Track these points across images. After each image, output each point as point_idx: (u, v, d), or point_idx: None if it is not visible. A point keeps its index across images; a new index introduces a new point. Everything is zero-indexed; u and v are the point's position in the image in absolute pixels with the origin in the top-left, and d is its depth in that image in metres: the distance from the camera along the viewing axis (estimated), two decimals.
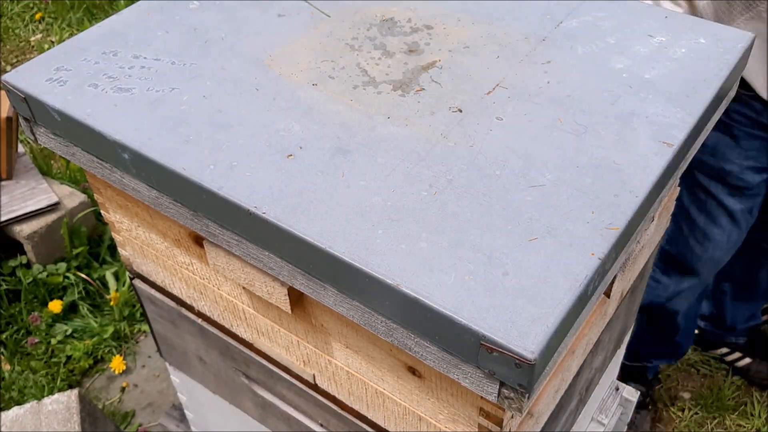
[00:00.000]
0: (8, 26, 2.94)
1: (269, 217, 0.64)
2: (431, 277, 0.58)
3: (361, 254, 0.60)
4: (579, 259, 0.59)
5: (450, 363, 0.59)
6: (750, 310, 1.73)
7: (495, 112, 0.73)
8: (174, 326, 1.03)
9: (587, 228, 0.61)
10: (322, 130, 0.72)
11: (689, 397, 1.79)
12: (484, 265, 0.58)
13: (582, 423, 1.07)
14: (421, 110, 0.74)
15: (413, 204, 0.64)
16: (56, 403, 1.34)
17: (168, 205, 0.74)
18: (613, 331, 0.94)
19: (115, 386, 1.72)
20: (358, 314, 0.64)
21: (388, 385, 0.74)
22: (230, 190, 0.66)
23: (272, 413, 0.99)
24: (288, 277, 0.68)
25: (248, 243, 0.69)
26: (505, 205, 0.64)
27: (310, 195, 0.65)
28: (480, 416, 0.65)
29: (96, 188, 0.91)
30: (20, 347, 1.77)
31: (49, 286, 1.86)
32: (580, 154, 0.68)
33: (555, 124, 0.72)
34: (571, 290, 0.56)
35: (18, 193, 1.86)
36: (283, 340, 0.84)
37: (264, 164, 0.69)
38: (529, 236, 0.61)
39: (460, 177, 0.66)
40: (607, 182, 0.65)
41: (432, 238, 0.61)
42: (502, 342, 0.53)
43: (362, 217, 0.63)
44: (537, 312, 0.55)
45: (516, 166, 0.67)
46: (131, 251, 0.98)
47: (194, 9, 0.88)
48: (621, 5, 0.87)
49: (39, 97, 0.77)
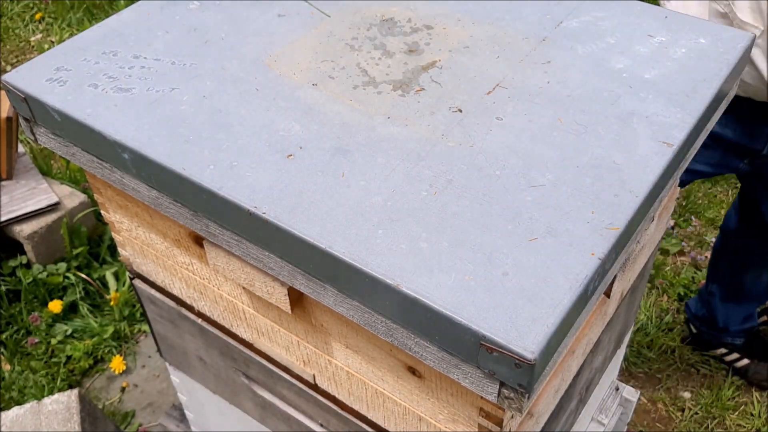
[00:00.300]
0: (8, 26, 2.95)
1: (269, 217, 0.64)
2: (431, 277, 0.58)
3: (361, 254, 0.60)
4: (579, 259, 0.59)
5: (450, 363, 0.59)
6: (743, 312, 1.73)
7: (495, 112, 0.73)
8: (174, 326, 1.03)
9: (587, 228, 0.61)
10: (322, 130, 0.72)
11: (689, 397, 1.79)
12: (484, 265, 0.58)
13: (582, 423, 1.07)
14: (421, 110, 0.74)
15: (413, 204, 0.64)
16: (56, 403, 1.34)
17: (168, 205, 0.74)
18: (613, 331, 0.94)
19: (115, 386, 1.72)
20: (357, 314, 0.64)
21: (388, 385, 0.74)
22: (230, 190, 0.66)
23: (272, 413, 0.99)
24: (288, 277, 0.68)
25: (248, 243, 0.69)
26: (505, 205, 0.64)
27: (310, 195, 0.65)
28: (480, 416, 0.65)
29: (96, 188, 0.91)
30: (20, 347, 1.77)
31: (49, 286, 1.85)
32: (580, 154, 0.68)
33: (555, 124, 0.72)
34: (571, 290, 0.56)
35: (18, 193, 1.87)
36: (283, 340, 0.84)
37: (264, 164, 0.69)
38: (529, 236, 0.61)
39: (460, 177, 0.66)
40: (607, 182, 0.65)
41: (432, 238, 0.61)
42: (502, 342, 0.53)
43: (362, 217, 0.63)
44: (537, 312, 0.55)
45: (516, 166, 0.67)
46: (131, 251, 0.98)
47: (194, 9, 0.88)
48: (621, 5, 0.87)
49: (39, 97, 0.77)
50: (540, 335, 0.53)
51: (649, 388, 1.81)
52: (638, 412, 1.76)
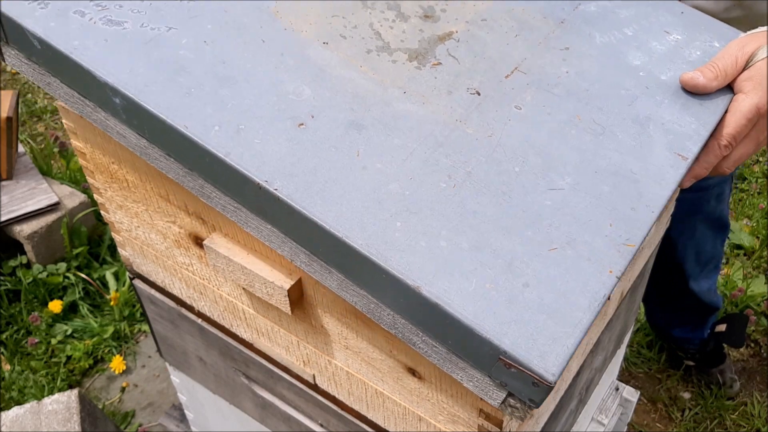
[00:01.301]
0: None
1: (282, 194, 0.60)
2: (452, 281, 0.56)
3: (380, 248, 0.58)
4: (597, 276, 0.58)
5: (456, 365, 0.58)
6: (686, 322, 1.72)
7: (514, 99, 0.71)
8: (174, 326, 1.00)
9: (605, 242, 0.61)
10: (334, 99, 0.68)
11: (689, 397, 1.79)
12: (505, 273, 0.58)
13: (582, 423, 1.09)
14: (437, 87, 0.71)
15: (432, 196, 0.62)
16: (56, 403, 1.34)
17: (158, 157, 0.69)
18: (613, 331, 0.96)
19: (115, 386, 1.72)
20: (362, 302, 0.62)
21: (388, 386, 0.74)
22: (238, 158, 0.62)
23: (272, 413, 0.98)
24: (289, 254, 0.65)
25: (248, 212, 0.65)
26: (524, 207, 0.62)
27: (324, 173, 0.62)
28: (480, 417, 0.65)
29: (96, 188, 0.87)
30: (20, 347, 1.77)
31: (49, 286, 1.85)
32: (598, 158, 0.67)
33: (573, 120, 0.70)
34: (590, 309, 0.56)
35: (18, 193, 1.86)
36: (283, 341, 0.83)
37: (274, 131, 0.64)
38: (548, 245, 0.60)
39: (478, 170, 0.64)
40: (624, 192, 0.65)
41: (452, 237, 0.59)
42: (523, 361, 0.53)
43: (379, 205, 0.61)
44: (557, 331, 0.55)
45: (535, 164, 0.66)
46: (131, 251, 0.94)
47: None
48: None
49: (17, 19, 0.68)
50: (561, 356, 0.53)
51: (649, 388, 1.82)
52: (638, 412, 1.76)
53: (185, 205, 0.78)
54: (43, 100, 2.55)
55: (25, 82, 2.61)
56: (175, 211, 0.79)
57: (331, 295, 0.71)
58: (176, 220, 0.80)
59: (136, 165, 0.79)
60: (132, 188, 0.82)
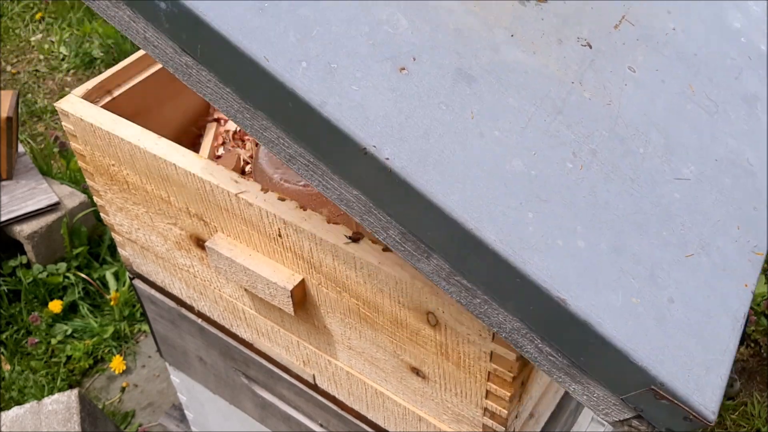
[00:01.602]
0: (8, 26, 2.85)
1: (394, 165, 0.48)
2: (597, 293, 0.48)
3: (515, 245, 0.48)
4: (734, 290, 0.53)
5: (574, 378, 0.51)
6: None
7: (626, 58, 0.61)
8: (174, 326, 0.94)
9: (736, 248, 0.55)
10: (436, 37, 0.55)
11: None
12: (649, 285, 0.50)
13: (582, 423, 1.08)
14: (546, 33, 0.59)
15: (559, 179, 0.52)
16: (56, 403, 1.33)
17: (205, 81, 0.53)
18: None
19: (115, 386, 1.71)
20: (466, 299, 0.52)
21: (391, 386, 0.69)
22: (336, 111, 0.48)
23: (272, 413, 0.93)
24: (356, 212, 0.52)
25: (325, 167, 0.52)
26: (654, 201, 0.54)
27: (437, 139, 0.50)
28: (485, 416, 0.61)
29: (95, 191, 0.79)
30: (20, 347, 1.75)
31: (49, 286, 1.83)
32: (716, 143, 0.60)
33: (687, 92, 0.62)
34: (734, 331, 0.51)
35: (18, 193, 1.85)
36: (283, 341, 0.76)
37: (373, 76, 0.51)
38: (685, 250, 0.53)
39: (603, 148, 0.55)
40: (744, 187, 0.59)
41: (588, 235, 0.51)
42: (681, 395, 0.47)
43: (506, 188, 0.50)
44: (709, 358, 0.49)
45: (658, 144, 0.57)
46: (131, 251, 0.89)
47: None
48: None
49: None
50: (717, 389, 0.48)
51: None
52: None
53: (186, 207, 0.70)
54: (43, 100, 2.48)
55: (25, 82, 2.55)
56: (177, 213, 0.72)
57: (334, 295, 0.65)
58: (177, 222, 0.72)
59: (136, 166, 0.71)
60: (132, 190, 0.74)
